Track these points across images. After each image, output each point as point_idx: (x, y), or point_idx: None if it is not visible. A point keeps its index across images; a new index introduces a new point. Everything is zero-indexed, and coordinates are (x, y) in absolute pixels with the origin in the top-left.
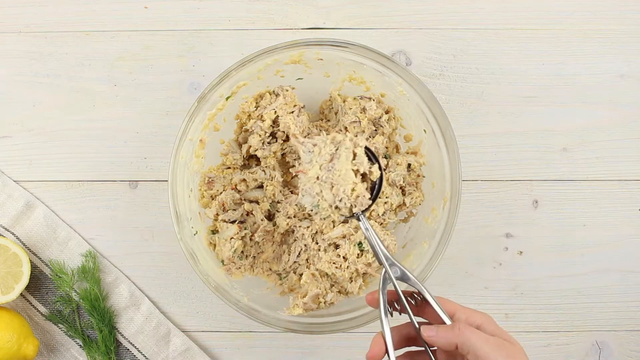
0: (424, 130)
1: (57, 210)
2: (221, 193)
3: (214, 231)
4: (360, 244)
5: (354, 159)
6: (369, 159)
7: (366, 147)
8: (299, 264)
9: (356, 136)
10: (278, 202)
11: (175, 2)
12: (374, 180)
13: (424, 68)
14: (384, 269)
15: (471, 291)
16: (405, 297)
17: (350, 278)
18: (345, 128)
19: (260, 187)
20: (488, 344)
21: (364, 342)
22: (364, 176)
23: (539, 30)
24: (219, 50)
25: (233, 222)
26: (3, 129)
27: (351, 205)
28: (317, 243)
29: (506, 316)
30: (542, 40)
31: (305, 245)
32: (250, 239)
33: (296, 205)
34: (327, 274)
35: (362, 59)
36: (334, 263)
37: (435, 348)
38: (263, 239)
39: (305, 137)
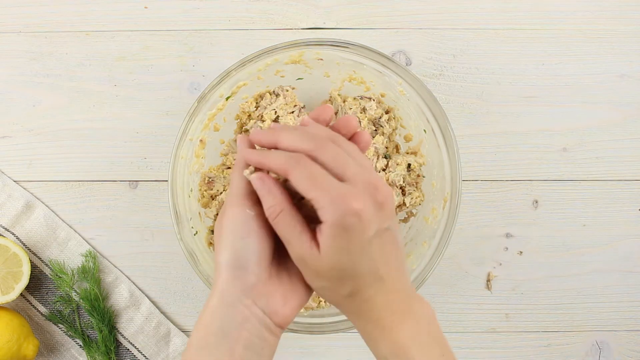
0: (424, 130)
1: (57, 210)
2: (221, 193)
3: (214, 231)
4: None
5: None
6: None
7: None
8: None
9: None
10: None
11: (175, 2)
12: None
13: (424, 68)
14: None
15: (471, 291)
16: None
17: None
18: None
19: None
20: None
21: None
22: None
23: (539, 30)
24: (219, 50)
25: None
26: (3, 129)
27: None
28: None
29: (506, 316)
30: (542, 40)
31: None
32: None
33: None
34: None
35: (362, 59)
36: None
37: None
38: None
39: None
